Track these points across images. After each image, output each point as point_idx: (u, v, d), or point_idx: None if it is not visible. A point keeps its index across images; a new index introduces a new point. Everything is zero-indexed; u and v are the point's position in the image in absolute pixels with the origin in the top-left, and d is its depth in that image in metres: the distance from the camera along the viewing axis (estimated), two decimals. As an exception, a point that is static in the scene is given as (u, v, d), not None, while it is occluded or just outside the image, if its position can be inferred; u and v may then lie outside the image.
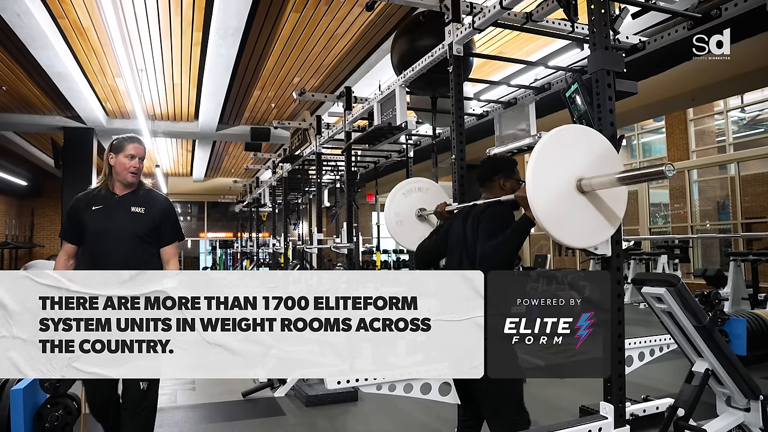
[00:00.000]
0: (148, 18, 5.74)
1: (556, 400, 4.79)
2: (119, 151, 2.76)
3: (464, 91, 3.24)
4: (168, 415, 4.56)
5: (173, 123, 10.20)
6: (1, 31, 5.97)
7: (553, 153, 2.11)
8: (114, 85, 8.05)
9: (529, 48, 6.70)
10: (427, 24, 3.92)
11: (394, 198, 3.70)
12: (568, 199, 2.09)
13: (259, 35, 6.23)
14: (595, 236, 2.17)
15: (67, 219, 2.83)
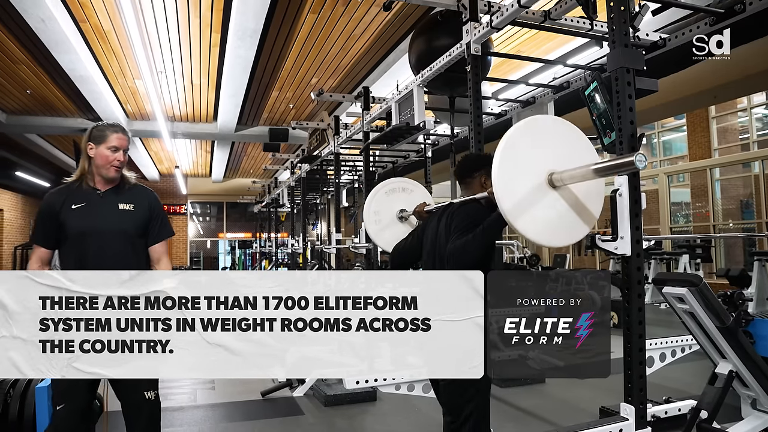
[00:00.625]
0: (168, 20, 5.80)
1: (575, 401, 4.75)
2: (100, 142, 2.48)
3: (482, 90, 3.23)
4: (188, 414, 4.61)
5: (192, 124, 10.29)
6: (26, 37, 6.09)
7: (521, 145, 2.05)
8: (134, 87, 8.15)
9: (548, 46, 6.65)
10: (445, 23, 3.91)
11: (376, 196, 3.62)
12: (538, 195, 2.02)
13: (277, 36, 6.26)
14: (567, 235, 2.11)
15: (41, 220, 2.50)
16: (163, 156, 14.07)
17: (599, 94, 2.41)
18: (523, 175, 2.01)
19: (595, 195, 2.15)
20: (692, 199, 13.90)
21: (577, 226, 2.10)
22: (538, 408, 4.56)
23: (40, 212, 2.55)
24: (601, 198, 2.18)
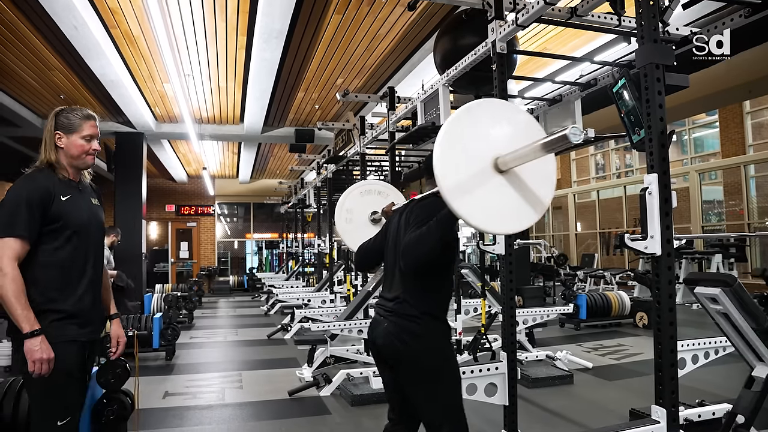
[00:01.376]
0: (195, 24, 5.88)
1: (603, 402, 4.69)
2: (71, 131, 2.26)
3: (508, 88, 3.20)
4: (216, 413, 4.66)
5: (219, 126, 10.41)
6: (60, 43, 6.23)
7: (465, 128, 1.98)
8: (162, 90, 8.28)
9: (574, 43, 6.56)
10: (470, 22, 3.88)
11: (350, 195, 3.58)
12: (483, 178, 1.95)
13: (303, 38, 6.29)
14: (514, 222, 2.03)
15: (29, 207, 2.11)
16: (191, 158, 14.26)
17: (628, 91, 2.37)
18: (466, 157, 1.94)
19: (543, 178, 2.09)
20: (725, 197, 13.58)
21: (524, 212, 2.01)
22: (566, 409, 4.51)
23: (32, 197, 2.13)
24: (549, 181, 2.11)
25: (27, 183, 2.19)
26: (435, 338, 2.24)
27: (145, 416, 4.41)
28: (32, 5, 5.25)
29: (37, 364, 2.03)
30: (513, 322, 3.00)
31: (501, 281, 3.02)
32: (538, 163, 2.02)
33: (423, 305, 2.23)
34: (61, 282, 2.19)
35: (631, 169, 17.03)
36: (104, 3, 5.35)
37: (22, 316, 2.03)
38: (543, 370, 5.48)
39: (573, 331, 8.42)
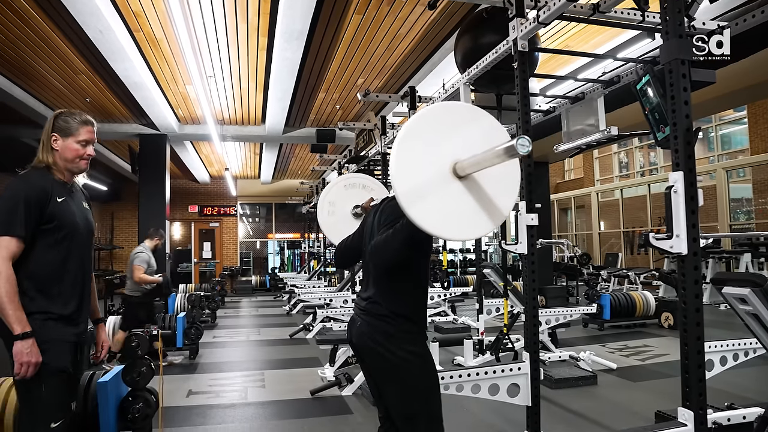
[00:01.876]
0: (216, 26, 5.93)
1: (628, 404, 4.63)
2: (68, 135, 2.27)
3: (530, 87, 3.17)
4: (239, 411, 4.70)
5: (241, 127, 10.50)
6: (86, 48, 6.35)
7: (422, 134, 1.94)
8: (185, 92, 8.37)
9: (597, 40, 6.48)
10: (491, 20, 3.86)
11: (334, 187, 3.50)
12: (440, 183, 1.92)
13: (323, 38, 6.31)
14: (470, 229, 2.02)
15: (26, 206, 2.09)
16: (214, 159, 14.41)
17: (652, 87, 2.33)
18: (423, 161, 1.92)
19: (505, 189, 2.05)
20: (754, 194, 13.30)
21: (480, 220, 1.97)
22: (589, 410, 4.46)
23: (26, 197, 2.10)
24: (512, 193, 2.07)
25: (25, 182, 2.17)
26: (408, 340, 2.19)
27: (169, 414, 4.47)
28: (60, 11, 5.35)
29: (24, 367, 2.01)
30: (536, 322, 2.97)
31: (523, 281, 3.00)
32: (501, 172, 2.00)
33: (395, 306, 2.20)
34: (53, 283, 2.17)
35: (656, 167, 16.77)
36: (128, 7, 5.43)
37: (14, 317, 2.01)
38: (566, 370, 5.42)
39: (596, 331, 8.32)
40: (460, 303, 11.13)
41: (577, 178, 20.00)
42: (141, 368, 3.77)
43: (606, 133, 3.73)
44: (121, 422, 3.67)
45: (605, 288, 12.22)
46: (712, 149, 15.03)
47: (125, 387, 3.74)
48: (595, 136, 3.84)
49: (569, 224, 20.25)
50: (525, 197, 2.97)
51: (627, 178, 17.60)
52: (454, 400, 4.66)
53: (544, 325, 5.58)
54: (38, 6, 5.38)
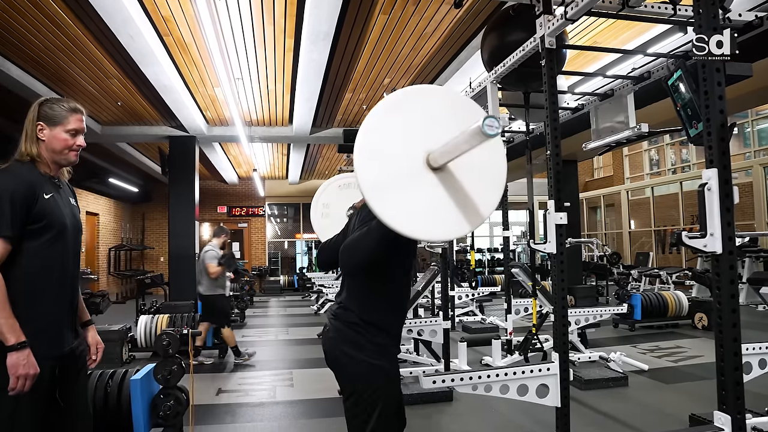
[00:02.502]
0: (243, 29, 5.99)
1: (660, 406, 4.54)
2: (55, 123, 2.06)
3: (558, 84, 3.13)
4: (267, 410, 4.75)
5: (269, 128, 10.59)
6: (117, 53, 6.48)
7: (392, 121, 1.79)
8: (213, 94, 8.48)
9: (626, 36, 6.37)
10: (517, 18, 3.83)
11: (328, 188, 3.37)
12: (413, 179, 1.74)
13: (349, 39, 6.33)
14: (447, 227, 1.79)
15: (12, 204, 1.91)
16: (242, 160, 14.55)
17: (684, 83, 2.28)
18: (392, 151, 1.75)
19: (490, 182, 1.86)
20: (794, 191, 12.93)
21: (457, 216, 1.78)
22: (620, 412, 4.39)
23: (12, 194, 1.91)
24: (496, 186, 1.88)
25: (9, 177, 1.96)
26: (376, 352, 2.03)
27: (199, 412, 4.54)
28: (93, 18, 5.47)
29: (21, 380, 1.84)
30: (565, 322, 2.94)
31: (552, 280, 2.96)
32: (483, 162, 1.84)
33: (366, 314, 2.05)
34: (42, 287, 1.99)
35: (688, 164, 16.42)
36: (158, 12, 5.52)
37: (7, 325, 1.83)
38: (596, 371, 5.35)
39: (627, 331, 8.19)
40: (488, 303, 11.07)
41: (607, 176, 19.70)
42: (172, 367, 3.83)
43: (636, 131, 3.66)
44: (153, 419, 3.75)
45: (636, 288, 12.01)
46: (749, 145, 14.64)
47: (156, 385, 3.81)
48: (624, 133, 3.78)
49: (598, 223, 19.96)
50: (553, 196, 2.93)
51: (658, 175, 17.28)
52: (482, 400, 4.64)
53: (573, 325, 5.51)
54: (73, 13, 5.51)
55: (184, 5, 5.36)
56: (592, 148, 4.16)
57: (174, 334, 4.09)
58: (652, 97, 5.21)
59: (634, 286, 12.21)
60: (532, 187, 4.75)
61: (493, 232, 20.70)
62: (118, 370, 3.91)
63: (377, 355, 2.03)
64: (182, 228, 10.43)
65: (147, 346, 6.79)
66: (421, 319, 5.22)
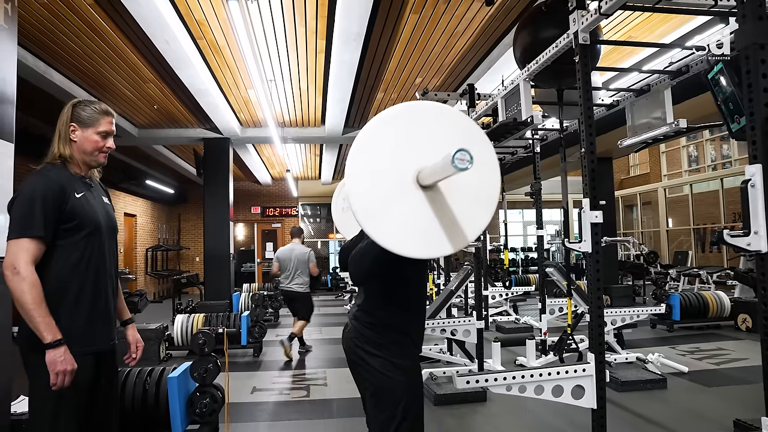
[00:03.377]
0: (276, 31, 6.05)
1: (701, 410, 4.43)
2: (88, 125, 2.13)
3: (592, 80, 3.08)
4: (302, 408, 4.78)
5: (301, 129, 10.68)
6: (154, 57, 6.62)
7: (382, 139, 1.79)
8: (246, 96, 8.59)
9: (663, 29, 6.22)
10: (550, 14, 3.77)
11: None
12: (402, 197, 1.75)
13: (380, 39, 6.34)
14: (434, 246, 1.78)
15: (43, 205, 1.97)
16: (275, 161, 14.71)
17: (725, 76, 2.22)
18: (383, 169, 1.76)
19: (479, 203, 1.84)
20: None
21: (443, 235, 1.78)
22: (659, 415, 4.29)
23: (44, 195, 1.98)
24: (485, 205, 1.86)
25: (40, 179, 2.02)
26: (394, 351, 2.06)
27: (234, 409, 4.60)
28: (130, 24, 5.60)
29: (60, 377, 1.90)
30: (600, 322, 2.88)
31: (587, 279, 2.91)
32: (472, 183, 1.82)
33: (383, 315, 2.10)
34: (77, 285, 2.05)
35: (729, 161, 15.96)
36: (192, 17, 5.62)
37: (44, 324, 1.89)
38: (633, 373, 5.24)
39: (665, 332, 8.01)
40: (522, 302, 10.97)
41: (643, 173, 19.28)
42: (208, 365, 3.90)
43: (674, 126, 3.58)
44: (190, 416, 3.81)
45: (674, 287, 11.74)
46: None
47: (193, 382, 3.88)
48: (662, 129, 3.70)
49: (635, 221, 19.55)
50: (588, 194, 2.88)
51: (697, 172, 16.84)
52: (516, 401, 4.60)
53: (609, 325, 5.41)
54: (111, 20, 5.65)
55: (218, 9, 5.44)
56: (628, 145, 4.08)
57: (209, 333, 4.16)
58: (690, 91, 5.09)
59: (672, 285, 11.93)
60: (566, 186, 4.68)
61: (527, 231, 20.49)
62: (155, 367, 3.99)
63: (397, 354, 2.07)
64: (217, 228, 10.60)
65: (183, 344, 6.92)
66: (455, 319, 5.19)
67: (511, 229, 20.41)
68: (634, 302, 10.42)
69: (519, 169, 11.19)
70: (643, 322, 8.13)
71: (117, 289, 2.31)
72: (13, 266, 1.90)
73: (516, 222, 20.43)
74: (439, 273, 8.77)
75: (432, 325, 5.08)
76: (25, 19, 5.53)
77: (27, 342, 1.95)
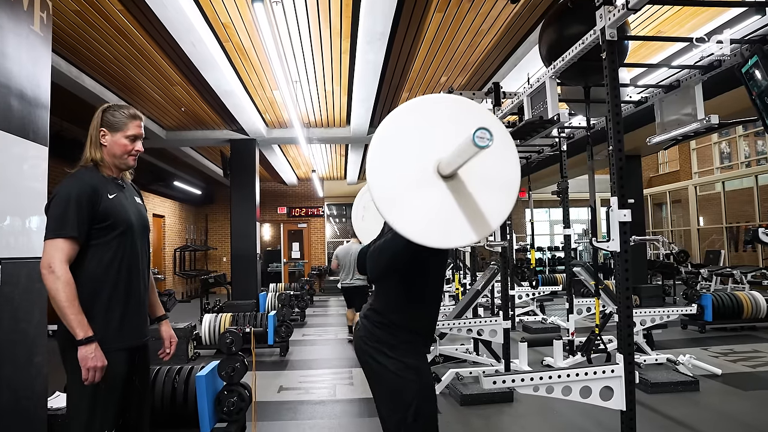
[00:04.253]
0: (300, 33, 6.09)
1: (736, 414, 4.33)
2: (117, 130, 2.21)
3: (620, 77, 3.03)
4: (328, 408, 4.81)
5: (327, 129, 10.73)
6: (180, 60, 6.72)
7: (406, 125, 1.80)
8: (272, 97, 8.66)
9: (693, 23, 6.10)
10: (576, 10, 3.72)
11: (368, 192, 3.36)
12: (423, 188, 1.75)
13: (405, 38, 6.33)
14: (457, 235, 1.76)
15: (78, 206, 2.05)
16: (300, 161, 14.80)
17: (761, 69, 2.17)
18: (403, 160, 1.77)
19: (499, 189, 1.83)
20: None
21: (466, 224, 1.77)
22: (691, 418, 4.21)
23: (78, 197, 2.06)
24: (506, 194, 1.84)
25: (74, 182, 2.11)
26: (403, 350, 2.05)
27: (261, 408, 4.64)
28: (158, 28, 5.70)
29: (91, 372, 1.97)
30: (629, 323, 2.84)
31: (616, 279, 2.87)
32: (493, 171, 1.82)
33: (394, 316, 2.09)
34: (111, 283, 2.12)
35: (765, 156, 15.57)
36: (218, 20, 5.69)
37: (76, 321, 1.97)
38: (663, 374, 5.15)
39: (697, 333, 7.85)
40: (549, 302, 10.86)
41: (673, 171, 18.92)
42: (235, 364, 3.94)
43: (705, 123, 3.50)
44: (218, 414, 3.86)
45: (706, 287, 11.50)
46: (829, 136, 13.77)
47: (221, 381, 3.93)
48: (692, 126, 3.62)
49: (664, 220, 19.20)
50: (616, 192, 2.84)
51: (730, 169, 16.45)
52: (543, 402, 4.55)
53: (638, 325, 5.32)
54: (140, 25, 5.75)
55: (243, 11, 5.50)
56: (657, 142, 4.01)
57: (237, 333, 4.20)
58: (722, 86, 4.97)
59: (704, 285, 11.69)
60: (593, 184, 4.62)
61: (554, 230, 20.27)
62: (184, 366, 4.05)
63: (408, 354, 2.06)
64: (244, 229, 10.71)
65: (211, 343, 7.01)
66: (481, 319, 5.17)
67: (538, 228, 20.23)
68: (664, 302, 10.24)
69: (545, 167, 11.08)
70: (674, 322, 7.97)
71: (150, 287, 2.37)
72: (48, 265, 1.97)
73: (542, 221, 20.24)
74: (465, 272, 8.73)
75: (458, 324, 5.06)
76: (59, 27, 5.66)
77: (64, 339, 2.02)
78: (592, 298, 5.64)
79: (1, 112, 2.94)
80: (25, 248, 3.06)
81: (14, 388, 2.89)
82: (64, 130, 8.48)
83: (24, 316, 3.00)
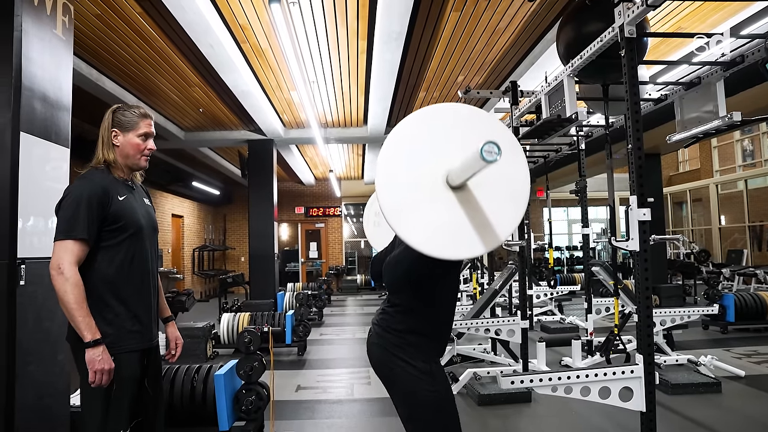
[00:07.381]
0: (317, 33, 6.11)
1: (760, 416, 4.27)
2: (128, 129, 2.21)
3: (639, 74, 3.00)
4: (345, 407, 4.82)
5: (344, 129, 10.75)
6: (199, 62, 6.79)
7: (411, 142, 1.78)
8: (289, 98, 8.70)
9: (714, 19, 6.00)
10: (594, 7, 3.69)
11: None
12: (433, 199, 1.74)
13: (421, 38, 6.32)
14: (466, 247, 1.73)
15: (88, 207, 2.05)
16: (318, 161, 14.85)
17: (782, 67, 2.13)
18: (413, 171, 1.76)
19: (508, 200, 1.81)
20: None
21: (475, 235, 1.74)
22: (712, 420, 4.15)
23: (88, 198, 2.05)
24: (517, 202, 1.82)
25: (85, 183, 2.11)
26: (415, 355, 2.03)
27: (279, 407, 4.67)
28: (176, 30, 5.76)
29: (98, 375, 1.97)
30: (649, 323, 2.81)
31: (635, 279, 2.84)
32: (502, 181, 1.81)
33: (408, 323, 2.07)
34: (121, 285, 2.12)
35: (788, 155, 15.30)
36: (235, 21, 5.73)
37: (84, 323, 1.96)
38: (684, 375, 5.09)
39: (719, 334, 7.74)
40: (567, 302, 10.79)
41: (693, 169, 18.67)
42: (254, 363, 3.97)
43: (727, 120, 3.45)
44: (236, 413, 3.89)
45: (728, 287, 11.33)
46: None
47: (239, 380, 3.96)
48: (713, 123, 3.57)
49: (684, 219, 18.95)
50: (636, 191, 2.81)
51: (753, 167, 16.19)
52: (562, 402, 4.52)
53: (658, 326, 5.27)
54: (158, 27, 5.82)
55: (260, 12, 5.54)
56: (677, 140, 3.96)
57: (255, 332, 4.23)
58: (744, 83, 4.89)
59: (726, 285, 11.52)
60: (612, 183, 4.58)
61: (572, 229, 20.11)
62: (203, 365, 4.09)
63: (420, 357, 2.04)
64: (262, 229, 10.78)
65: (229, 342, 7.06)
66: (499, 319, 5.15)
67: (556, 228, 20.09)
68: (684, 302, 10.11)
69: (564, 166, 11.00)
70: (695, 323, 7.88)
71: (158, 288, 2.38)
72: (57, 266, 1.98)
73: (561, 220, 20.09)
74: (482, 272, 8.70)
75: (476, 324, 5.05)
76: (80, 30, 5.75)
77: (75, 341, 2.03)
78: (611, 297, 5.59)
79: (24, 114, 3.00)
80: (48, 248, 3.10)
81: (38, 386, 2.95)
82: (85, 132, 8.60)
83: (47, 315, 3.05)
